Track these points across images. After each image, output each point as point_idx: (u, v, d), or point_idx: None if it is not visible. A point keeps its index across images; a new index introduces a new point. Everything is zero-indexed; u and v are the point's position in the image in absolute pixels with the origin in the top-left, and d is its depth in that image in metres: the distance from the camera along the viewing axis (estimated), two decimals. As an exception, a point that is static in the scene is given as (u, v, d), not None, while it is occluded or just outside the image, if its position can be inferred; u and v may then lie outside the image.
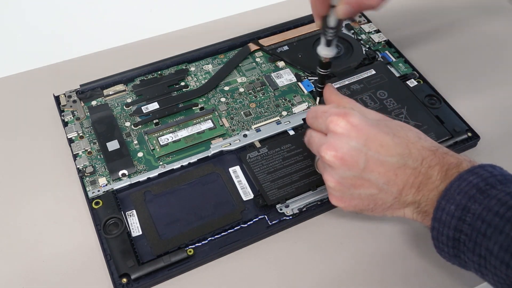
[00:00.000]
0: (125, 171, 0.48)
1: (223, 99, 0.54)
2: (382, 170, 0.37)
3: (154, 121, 0.52)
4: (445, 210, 0.35)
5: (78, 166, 0.48)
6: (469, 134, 0.50)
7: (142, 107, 0.53)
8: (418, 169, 0.37)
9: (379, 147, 0.37)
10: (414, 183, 0.37)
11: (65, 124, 0.52)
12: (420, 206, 0.38)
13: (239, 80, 0.56)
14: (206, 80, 0.56)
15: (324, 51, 0.46)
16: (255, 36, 0.60)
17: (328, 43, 0.45)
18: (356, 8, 0.42)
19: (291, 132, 0.51)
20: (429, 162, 0.37)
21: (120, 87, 0.55)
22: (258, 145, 0.50)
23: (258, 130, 0.51)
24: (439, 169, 0.37)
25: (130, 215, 0.45)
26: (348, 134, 0.38)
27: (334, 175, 0.39)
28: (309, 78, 0.56)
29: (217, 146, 0.50)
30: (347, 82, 0.55)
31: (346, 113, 0.39)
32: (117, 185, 0.47)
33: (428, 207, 0.37)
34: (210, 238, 0.43)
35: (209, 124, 0.52)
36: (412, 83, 0.55)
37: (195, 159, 0.49)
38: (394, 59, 0.58)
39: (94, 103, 0.54)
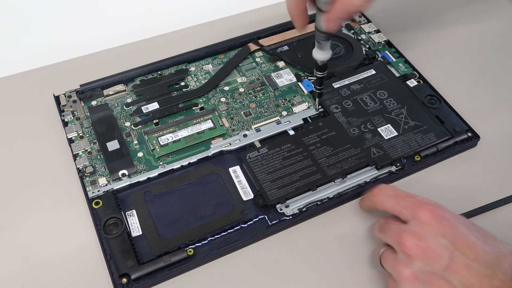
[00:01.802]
0: (125, 171, 0.48)
1: (223, 99, 0.54)
2: (466, 274, 0.33)
3: (154, 121, 0.52)
4: None
5: (78, 166, 0.48)
6: (469, 134, 0.50)
7: (142, 107, 0.53)
8: (508, 284, 0.33)
9: (467, 249, 0.34)
10: None
11: (65, 124, 0.52)
12: None
13: (239, 80, 0.56)
14: (206, 80, 0.56)
15: (319, 55, 0.46)
16: (255, 36, 0.60)
17: (321, 47, 0.45)
18: (347, 19, 0.42)
19: (291, 132, 0.51)
20: None
21: (120, 87, 0.55)
22: (258, 145, 0.50)
23: (258, 130, 0.51)
24: None
25: (130, 215, 0.45)
26: (436, 226, 0.35)
27: (412, 267, 0.35)
28: (309, 78, 0.56)
29: (217, 146, 0.50)
30: (347, 82, 0.55)
31: (437, 204, 0.37)
32: (117, 185, 0.47)
33: None
34: (210, 238, 0.43)
35: (209, 124, 0.52)
36: (412, 83, 0.55)
37: (195, 159, 0.49)
38: (394, 59, 0.58)
39: (94, 103, 0.54)
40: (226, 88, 0.56)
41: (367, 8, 0.42)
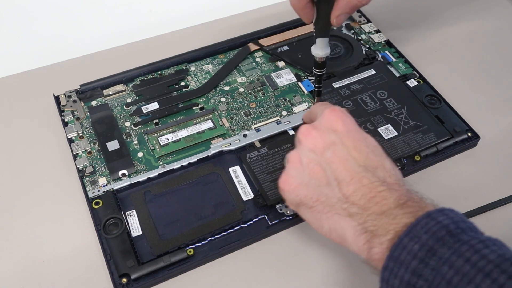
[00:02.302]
0: (125, 171, 0.48)
1: (223, 99, 0.54)
2: (340, 168, 0.36)
3: (154, 121, 0.52)
4: (407, 249, 0.31)
5: (78, 166, 0.48)
6: (469, 134, 0.50)
7: (142, 107, 0.53)
8: (375, 184, 0.35)
9: (352, 149, 0.37)
10: (366, 195, 0.35)
11: (65, 124, 0.52)
12: (366, 224, 0.34)
13: (239, 80, 0.56)
14: (206, 80, 0.56)
15: (317, 51, 0.46)
16: (255, 36, 0.60)
17: (319, 43, 0.46)
18: (350, 13, 0.44)
19: (291, 132, 0.51)
20: (390, 186, 0.35)
21: (120, 87, 0.55)
22: (258, 145, 0.50)
23: (258, 130, 0.51)
24: (399, 196, 0.34)
25: (130, 215, 0.45)
26: (332, 122, 0.38)
27: (299, 150, 0.39)
28: (309, 78, 0.56)
29: (217, 146, 0.50)
30: (347, 82, 0.55)
31: (343, 111, 0.40)
32: (117, 185, 0.47)
33: (376, 228, 0.33)
34: (210, 238, 0.43)
35: (209, 124, 0.52)
36: (412, 83, 0.55)
37: (195, 159, 0.49)
38: (394, 59, 0.58)
39: (94, 103, 0.54)
40: (226, 88, 0.55)
41: (368, 1, 0.43)
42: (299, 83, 0.56)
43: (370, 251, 0.34)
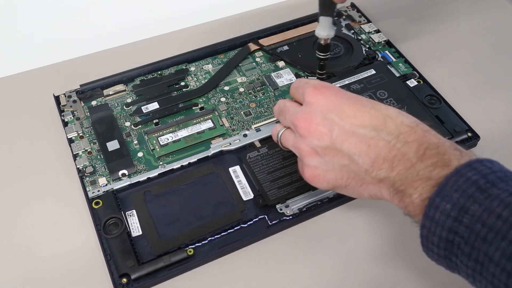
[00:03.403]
0: (125, 171, 0.48)
1: (223, 99, 0.54)
2: (353, 141, 0.36)
3: (154, 121, 0.52)
4: (439, 209, 0.32)
5: (78, 166, 0.48)
6: (469, 134, 0.50)
7: (142, 107, 0.53)
8: (392, 143, 0.35)
9: (352, 118, 0.37)
10: (387, 157, 0.35)
11: (65, 124, 0.52)
12: (396, 185, 0.35)
13: (239, 80, 0.56)
14: (206, 80, 0.56)
15: (320, 31, 0.45)
16: (255, 36, 0.60)
17: (324, 23, 0.45)
18: None
19: (291, 132, 0.51)
20: (406, 138, 0.35)
21: (120, 87, 0.55)
22: (258, 145, 0.50)
23: (258, 130, 0.51)
24: (417, 146, 0.35)
25: (130, 215, 0.45)
26: (322, 104, 0.38)
27: (308, 144, 0.39)
28: (309, 78, 0.56)
29: (217, 146, 0.50)
30: (347, 82, 0.55)
31: (323, 85, 0.40)
32: (117, 185, 0.47)
33: (404, 187, 0.35)
34: (210, 238, 0.43)
35: (209, 124, 0.52)
36: (412, 83, 0.55)
37: (195, 159, 0.49)
38: (394, 59, 0.58)
39: (94, 103, 0.54)
40: (226, 88, 0.56)
41: None
42: (299, 83, 0.56)
43: (406, 208, 0.35)
